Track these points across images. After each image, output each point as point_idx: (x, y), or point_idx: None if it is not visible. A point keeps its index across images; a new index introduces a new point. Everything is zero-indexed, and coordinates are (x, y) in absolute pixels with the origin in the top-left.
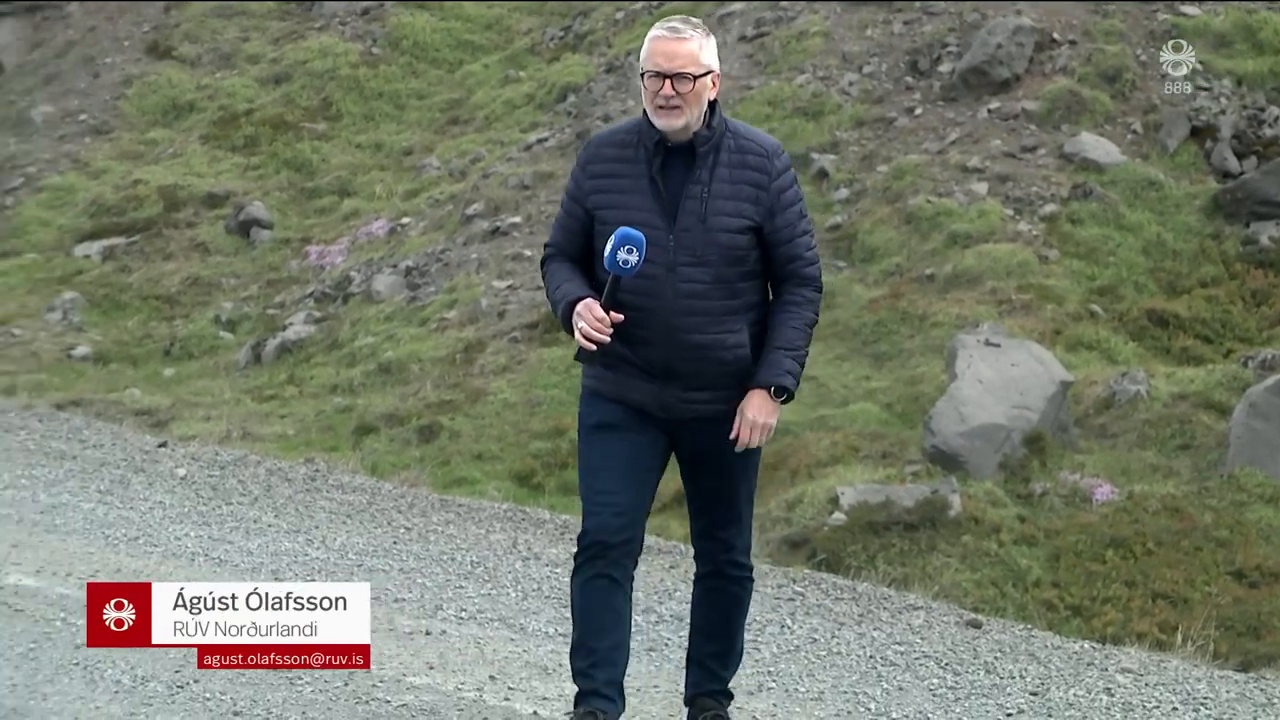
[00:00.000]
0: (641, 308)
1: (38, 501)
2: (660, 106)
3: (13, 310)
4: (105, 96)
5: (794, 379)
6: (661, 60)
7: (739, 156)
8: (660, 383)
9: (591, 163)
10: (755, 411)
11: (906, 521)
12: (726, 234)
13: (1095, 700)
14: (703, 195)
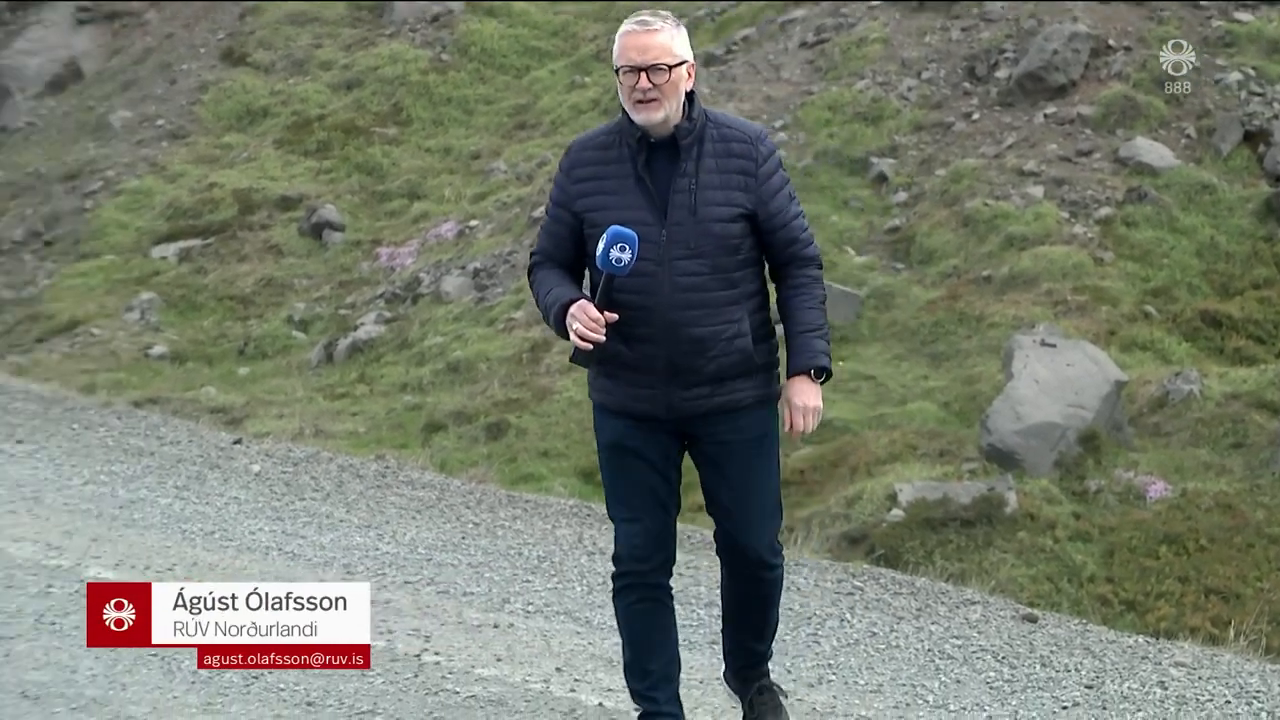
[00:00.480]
0: (640, 306)
1: (116, 497)
2: (638, 101)
3: (92, 310)
4: (182, 102)
5: (828, 357)
6: (634, 54)
7: (723, 145)
8: (663, 383)
9: (575, 167)
10: (802, 397)
11: (963, 518)
12: (719, 224)
13: (1149, 694)
14: (691, 187)
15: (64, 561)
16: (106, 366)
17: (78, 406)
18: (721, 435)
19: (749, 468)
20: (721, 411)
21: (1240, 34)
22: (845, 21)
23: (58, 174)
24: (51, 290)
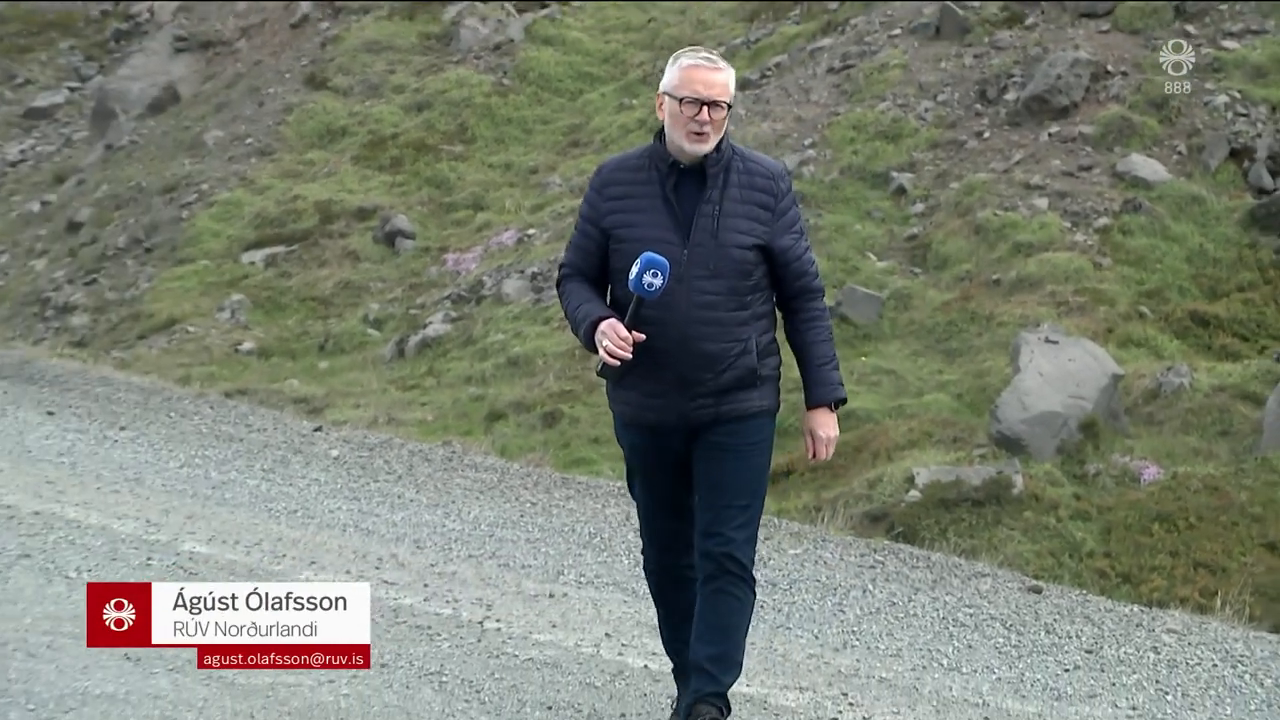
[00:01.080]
0: (657, 320)
1: (209, 478)
2: (694, 132)
3: (188, 310)
4: (269, 122)
5: (843, 389)
6: (701, 88)
7: (747, 178)
8: (673, 393)
9: (607, 185)
10: (824, 428)
11: (974, 499)
12: (738, 249)
13: (1143, 658)
14: (714, 213)
15: (162, 537)
16: (200, 361)
17: (174, 397)
18: (721, 438)
19: (738, 470)
20: (725, 419)
21: (1227, 60)
22: (868, 49)
23: (157, 187)
24: (152, 292)
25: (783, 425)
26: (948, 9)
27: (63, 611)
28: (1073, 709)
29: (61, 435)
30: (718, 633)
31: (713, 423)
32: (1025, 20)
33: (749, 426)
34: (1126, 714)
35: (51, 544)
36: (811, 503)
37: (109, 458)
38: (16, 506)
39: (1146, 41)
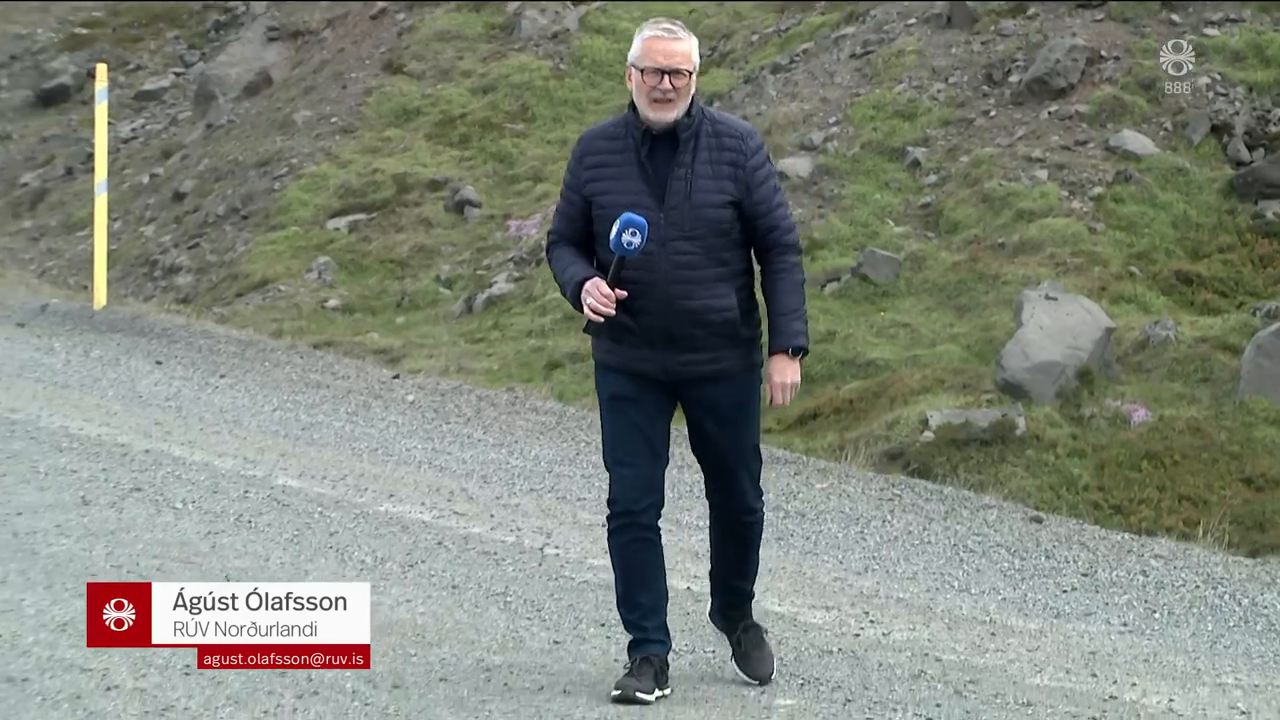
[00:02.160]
0: (640, 280)
1: (299, 420)
2: (656, 100)
3: (280, 271)
4: (351, 103)
5: (805, 337)
6: (661, 58)
7: (717, 140)
8: (660, 348)
9: (586, 154)
10: (782, 374)
11: (982, 439)
12: (711, 209)
13: (1134, 580)
14: (687, 176)
15: (258, 472)
16: (291, 316)
17: (268, 348)
18: (710, 398)
19: (733, 425)
20: (710, 377)
21: (1209, 45)
22: (887, 37)
23: (252, 161)
24: (248, 255)
25: (810, 371)
26: (957, 0)
27: (170, 539)
28: (1070, 626)
29: (168, 382)
30: (738, 556)
31: (700, 381)
32: (1027, 10)
33: (734, 385)
34: (1119, 630)
35: (160, 479)
36: (836, 442)
37: (210, 402)
38: (129, 445)
39: (1136, 29)
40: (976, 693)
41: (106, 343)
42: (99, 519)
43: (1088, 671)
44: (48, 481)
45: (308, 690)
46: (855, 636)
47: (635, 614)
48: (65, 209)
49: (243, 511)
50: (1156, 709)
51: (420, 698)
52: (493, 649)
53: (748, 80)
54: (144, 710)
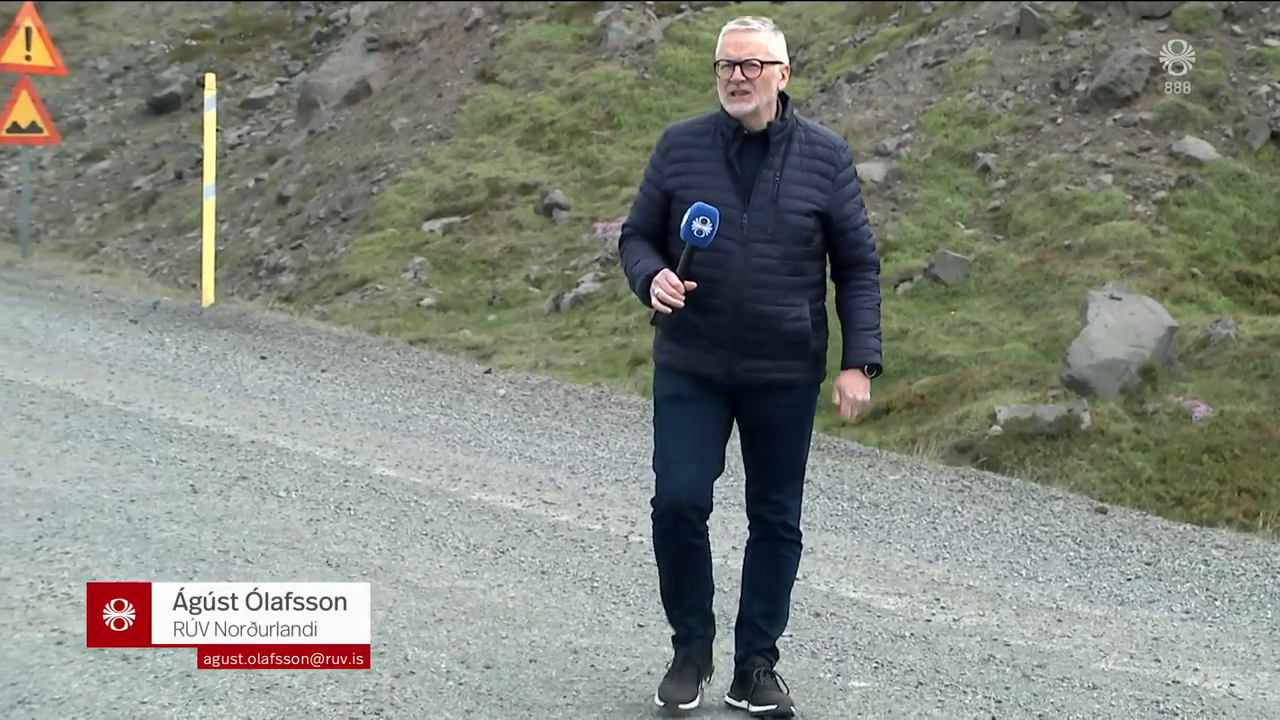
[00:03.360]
0: (715, 279)
1: (396, 413)
2: (731, 92)
3: (378, 271)
4: (446, 111)
5: (879, 355)
6: (731, 50)
7: (809, 148)
8: (727, 351)
9: (672, 149)
10: (853, 389)
11: (1048, 433)
12: (795, 215)
13: (1195, 569)
14: (775, 179)
15: (357, 462)
16: (388, 314)
17: (366, 344)
18: (767, 408)
19: (786, 438)
20: (773, 386)
21: (1268, 55)
22: (958, 47)
23: (352, 166)
24: (347, 255)
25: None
26: (1027, 12)
27: (274, 525)
28: (1134, 613)
29: (272, 376)
30: (769, 591)
31: (761, 389)
32: (1094, 22)
33: (794, 396)
34: (1180, 617)
35: (265, 468)
36: (908, 436)
37: (312, 395)
38: (235, 436)
39: (1199, 39)
40: (1044, 676)
41: (214, 339)
42: (207, 506)
43: (1151, 657)
44: (159, 470)
45: (404, 670)
46: (927, 622)
47: (679, 610)
48: (175, 211)
49: (343, 499)
50: (1217, 693)
51: (511, 677)
52: (580, 632)
53: (824, 89)
54: (249, 687)
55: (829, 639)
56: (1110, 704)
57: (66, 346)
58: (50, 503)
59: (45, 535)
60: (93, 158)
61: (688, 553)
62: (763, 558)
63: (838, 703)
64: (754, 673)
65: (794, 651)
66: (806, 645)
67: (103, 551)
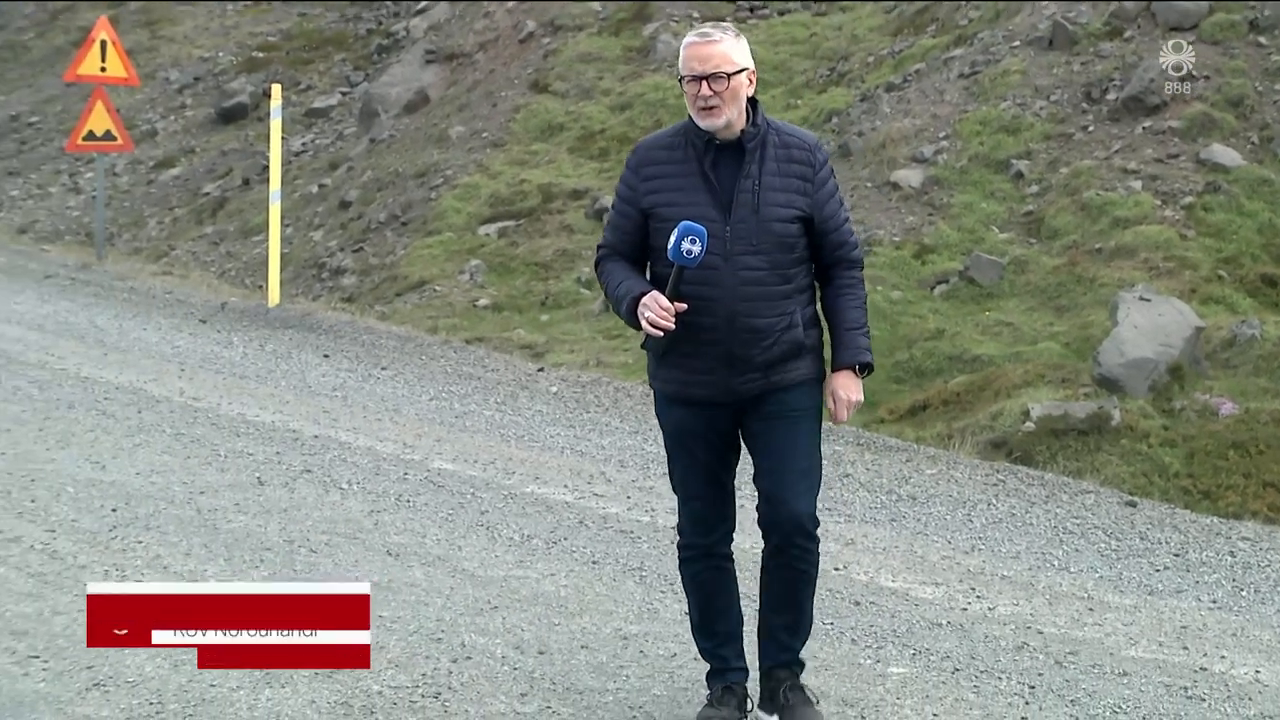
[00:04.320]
0: (704, 296)
1: (453, 409)
2: (701, 108)
3: (435, 273)
4: (500, 120)
5: (870, 353)
6: (695, 64)
7: (784, 151)
8: (721, 369)
9: (643, 165)
10: (846, 390)
11: (1079, 429)
12: (779, 223)
13: (1222, 560)
14: (754, 188)
15: (416, 456)
16: (445, 314)
17: (424, 343)
18: (770, 410)
19: (793, 436)
20: (773, 390)
21: None
22: (992, 58)
23: (411, 173)
24: (406, 258)
25: (919, 366)
26: (1059, 24)
27: (337, 516)
28: (1163, 602)
29: (335, 374)
30: (790, 603)
31: (760, 394)
32: (1124, 34)
33: (796, 394)
34: (1208, 607)
35: (328, 461)
36: (944, 431)
37: (373, 392)
38: (300, 431)
39: (1226, 51)
40: (1076, 663)
41: (279, 338)
42: (273, 498)
43: (1179, 644)
44: (227, 464)
45: (461, 655)
46: (963, 610)
47: (713, 642)
48: (242, 216)
49: (402, 492)
50: (1244, 679)
51: (564, 662)
52: (630, 619)
53: (864, 98)
54: (313, 672)
55: (869, 626)
56: (1140, 690)
57: (139, 345)
58: (124, 494)
59: (119, 525)
60: (164, 165)
61: (716, 579)
62: (779, 569)
63: (877, 688)
64: (781, 690)
65: (835, 638)
66: (847, 633)
67: (173, 541)
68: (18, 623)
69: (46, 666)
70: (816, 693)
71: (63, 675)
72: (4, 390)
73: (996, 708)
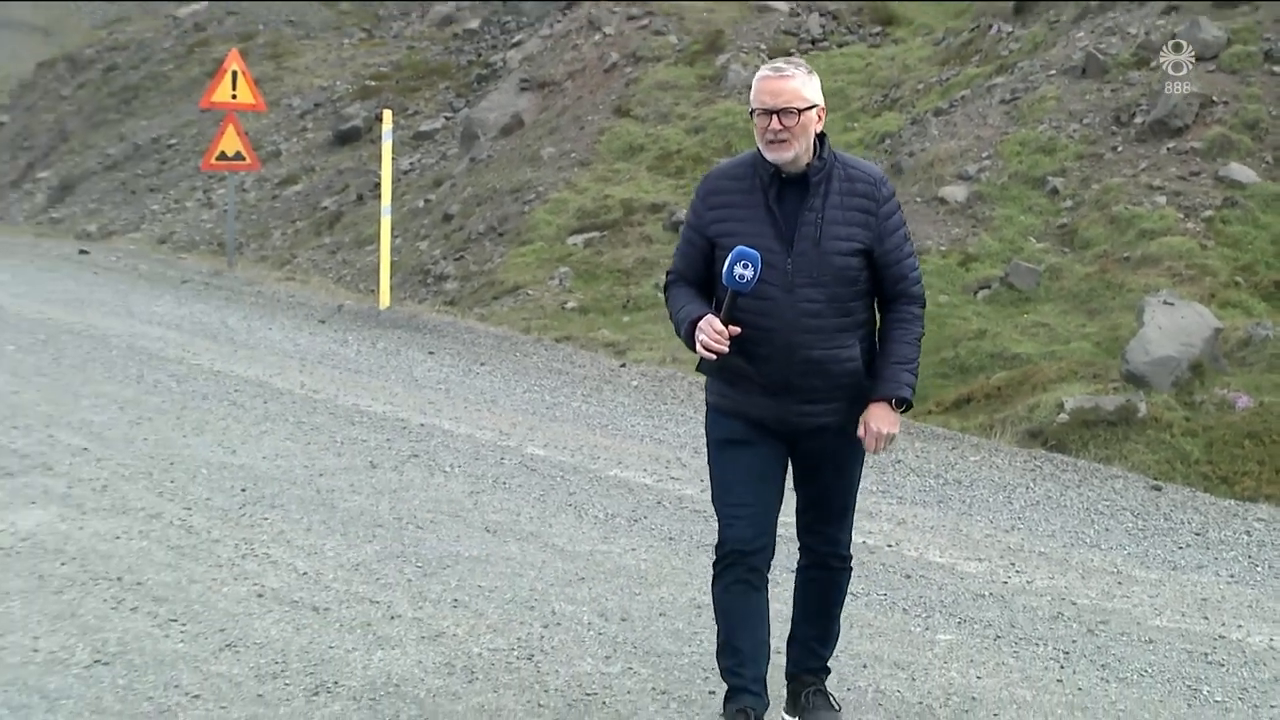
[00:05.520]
0: (762, 327)
1: (544, 401)
2: (770, 141)
3: (528, 278)
4: (587, 141)
5: (911, 390)
6: (767, 98)
7: (849, 185)
8: (778, 397)
9: (711, 194)
10: (879, 423)
11: (1109, 420)
12: (840, 256)
13: (1239, 539)
14: (817, 221)
15: (511, 443)
16: (537, 316)
17: (519, 342)
18: (820, 448)
19: (838, 477)
20: (826, 430)
21: None
22: (1031, 85)
23: (507, 189)
24: (502, 265)
25: (963, 363)
26: (1091, 55)
27: (441, 496)
28: (1185, 577)
29: (439, 369)
30: (821, 615)
31: (814, 432)
32: (1150, 63)
33: (848, 438)
34: (1226, 580)
35: (433, 447)
36: (986, 422)
37: (472, 385)
38: (408, 420)
39: (1243, 80)
40: (1106, 631)
41: (389, 337)
42: (384, 480)
43: (1200, 615)
44: (343, 449)
45: (552, 621)
46: (1004, 583)
47: (733, 661)
48: (356, 228)
49: (499, 475)
50: (1259, 647)
51: (644, 628)
52: (703, 590)
53: (914, 121)
54: (420, 636)
55: (918, 598)
56: (1164, 655)
57: (265, 343)
58: (252, 476)
59: (248, 503)
60: (287, 182)
61: (748, 595)
62: (813, 585)
63: (926, 652)
64: (805, 693)
65: (888, 608)
66: (899, 603)
67: (296, 518)
68: (159, 590)
69: (184, 629)
70: (838, 699)
71: (198, 637)
72: (146, 384)
73: (1034, 671)
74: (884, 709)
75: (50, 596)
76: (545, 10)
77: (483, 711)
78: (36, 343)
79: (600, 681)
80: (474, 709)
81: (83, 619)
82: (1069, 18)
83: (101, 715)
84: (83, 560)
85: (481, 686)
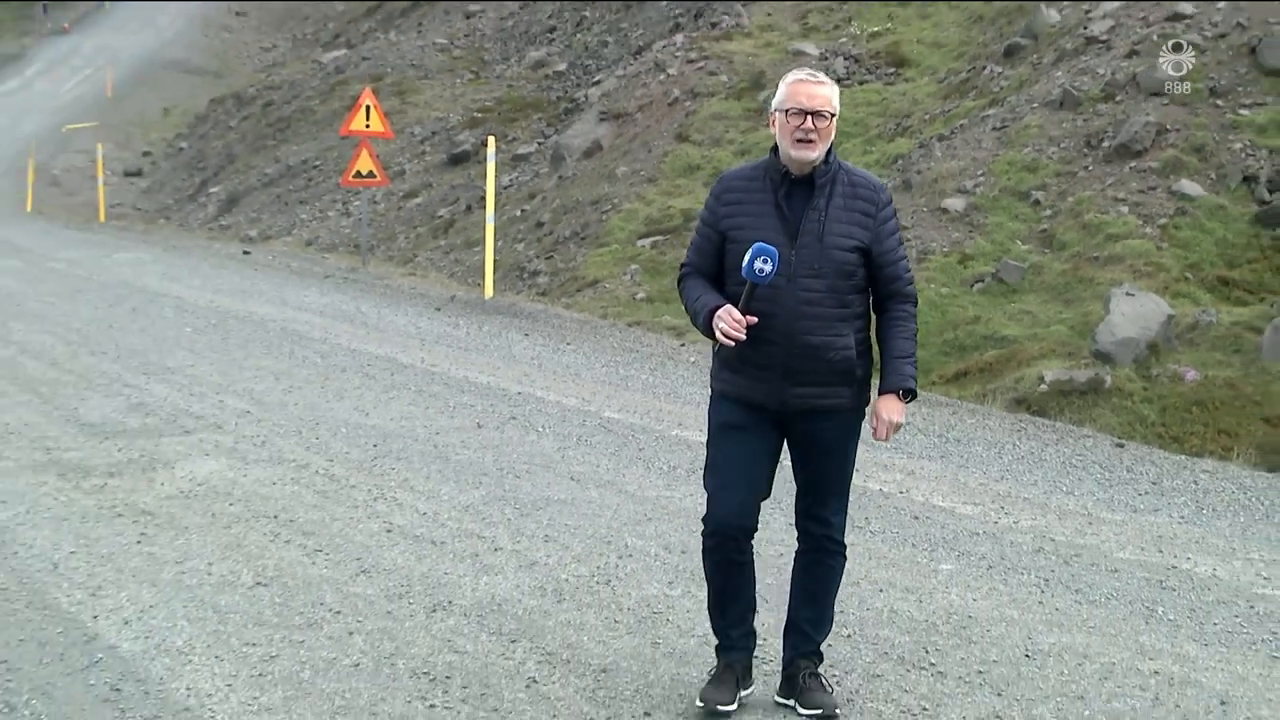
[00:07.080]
0: (766, 313)
1: (618, 374)
2: (799, 140)
3: (605, 274)
4: (654, 162)
5: (914, 381)
6: (804, 99)
7: (851, 189)
8: (778, 380)
9: (725, 193)
10: (889, 412)
11: (1081, 390)
12: (839, 251)
13: (1188, 487)
14: (820, 219)
15: (591, 408)
16: (612, 304)
17: (597, 326)
18: (815, 431)
19: (832, 459)
20: (821, 411)
21: (1243, 121)
22: (1018, 115)
23: (588, 201)
24: (584, 264)
25: (962, 344)
26: (1068, 91)
27: (535, 451)
28: (1144, 518)
29: (532, 347)
30: (816, 598)
31: (810, 414)
32: (1115, 98)
33: (841, 422)
34: (1177, 521)
35: (527, 411)
36: (980, 391)
37: (560, 361)
38: (507, 389)
39: (1192, 110)
40: (1079, 562)
41: (492, 321)
42: (488, 437)
43: (1156, 549)
44: (455, 412)
45: (625, 553)
46: (995, 523)
47: (723, 621)
48: (466, 233)
49: (582, 434)
50: (1204, 575)
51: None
52: None
53: (921, 145)
54: (518, 565)
55: (924, 535)
56: (1127, 582)
57: (392, 326)
58: (381, 434)
59: (379, 456)
60: (410, 195)
61: (732, 569)
62: (810, 568)
63: (931, 580)
64: (800, 675)
65: (899, 544)
66: (908, 539)
67: (417, 468)
68: (308, 526)
69: (328, 558)
70: (831, 682)
71: (339, 564)
72: (296, 359)
73: (1020, 594)
74: (896, 625)
75: (221, 531)
76: (620, 55)
77: (569, 625)
78: (209, 326)
79: (665, 602)
80: (562, 624)
81: (246, 549)
82: (1049, 60)
83: (261, 626)
84: (246, 501)
85: (568, 605)
